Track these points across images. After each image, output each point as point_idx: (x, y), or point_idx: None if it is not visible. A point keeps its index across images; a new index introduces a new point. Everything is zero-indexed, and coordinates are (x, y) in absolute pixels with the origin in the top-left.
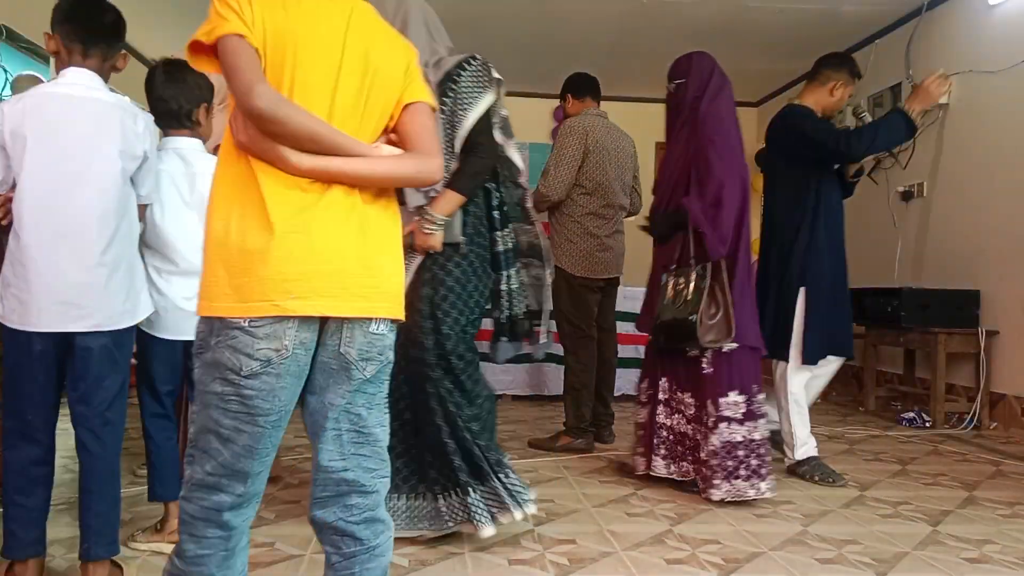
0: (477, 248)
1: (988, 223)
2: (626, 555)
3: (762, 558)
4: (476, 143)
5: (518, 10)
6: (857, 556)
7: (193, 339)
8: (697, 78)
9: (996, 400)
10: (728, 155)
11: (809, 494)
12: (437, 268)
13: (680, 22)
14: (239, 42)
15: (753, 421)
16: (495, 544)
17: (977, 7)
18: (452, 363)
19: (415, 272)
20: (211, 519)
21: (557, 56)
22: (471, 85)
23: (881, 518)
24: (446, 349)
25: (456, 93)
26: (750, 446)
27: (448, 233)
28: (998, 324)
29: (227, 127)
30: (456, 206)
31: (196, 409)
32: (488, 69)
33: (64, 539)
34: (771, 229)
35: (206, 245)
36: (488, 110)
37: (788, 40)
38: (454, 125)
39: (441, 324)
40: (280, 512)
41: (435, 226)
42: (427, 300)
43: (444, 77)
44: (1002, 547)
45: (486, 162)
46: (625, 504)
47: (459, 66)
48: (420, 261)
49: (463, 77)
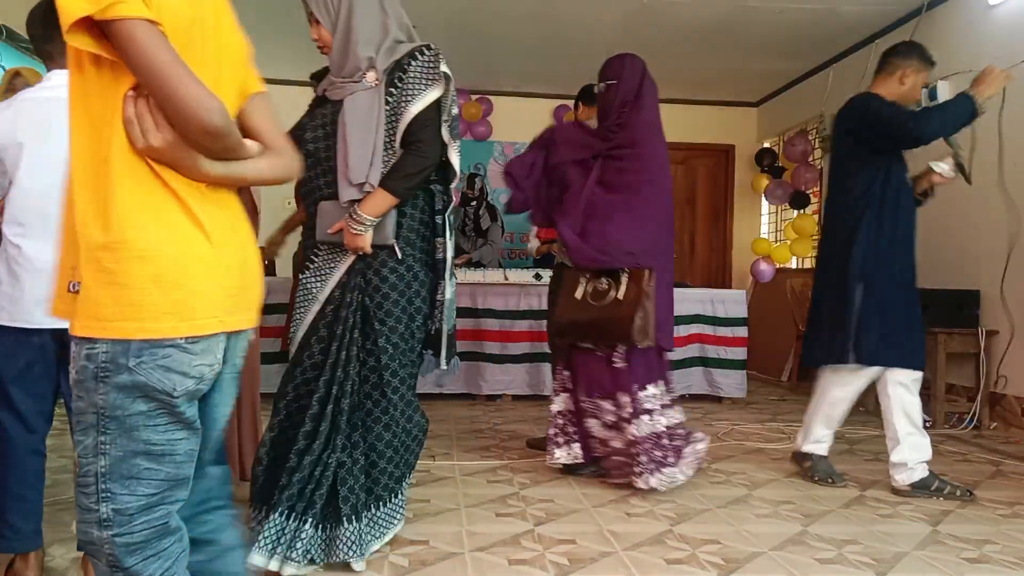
0: (418, 253)
1: (988, 223)
2: (626, 555)
3: (762, 558)
4: (418, 139)
5: (519, 10)
6: (857, 556)
7: None
8: (628, 82)
9: (996, 400)
10: (653, 168)
11: (809, 494)
12: (372, 274)
13: (680, 22)
14: (154, 32)
15: (671, 409)
16: (495, 544)
17: (977, 7)
18: (384, 378)
19: (342, 276)
20: (164, 532)
21: (558, 56)
22: (419, 76)
23: (881, 518)
24: (380, 363)
25: (403, 83)
26: (671, 434)
27: (378, 235)
28: (998, 324)
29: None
30: (387, 207)
31: (108, 439)
32: (439, 62)
33: (64, 539)
34: (833, 223)
35: (118, 258)
36: (437, 106)
37: (788, 40)
38: (398, 116)
39: (377, 336)
40: None
41: (362, 227)
42: (358, 309)
43: (393, 66)
44: (1002, 547)
45: (424, 161)
46: (625, 504)
47: (410, 55)
48: (349, 263)
49: (412, 68)
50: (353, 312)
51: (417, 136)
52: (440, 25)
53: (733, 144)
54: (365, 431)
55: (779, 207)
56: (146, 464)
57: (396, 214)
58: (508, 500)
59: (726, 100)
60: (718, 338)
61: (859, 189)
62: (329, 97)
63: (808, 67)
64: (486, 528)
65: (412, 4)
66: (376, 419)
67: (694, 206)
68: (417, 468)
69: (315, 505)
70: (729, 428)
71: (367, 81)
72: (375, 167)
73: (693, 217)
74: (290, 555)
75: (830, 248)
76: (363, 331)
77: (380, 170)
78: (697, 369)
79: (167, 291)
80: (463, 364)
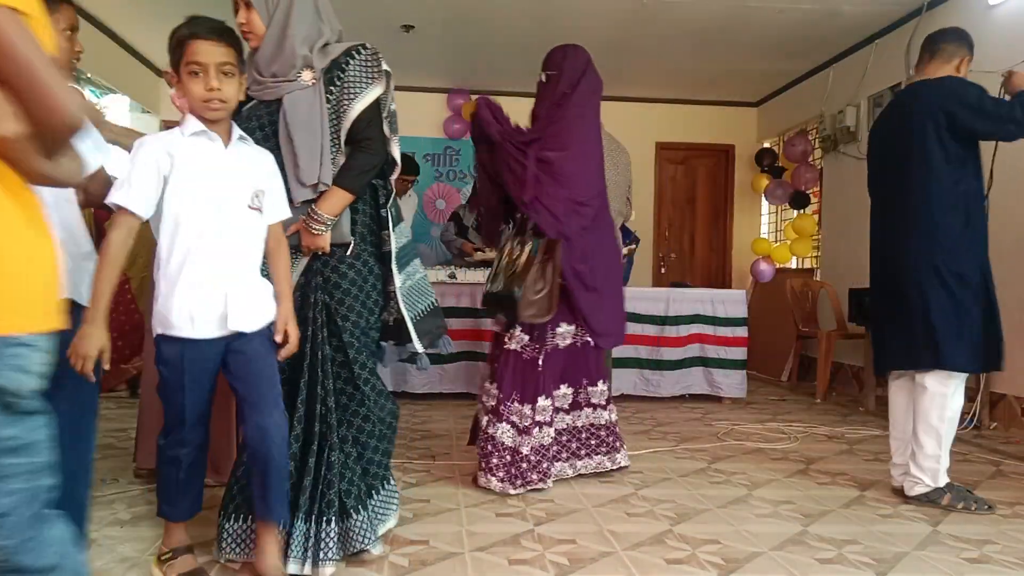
0: (370, 247)
1: (988, 222)
2: (626, 555)
3: (762, 558)
4: (365, 137)
5: (518, 10)
6: (857, 556)
7: None
8: (570, 74)
9: (996, 400)
10: (584, 163)
11: (809, 494)
12: (330, 271)
13: (680, 22)
14: (18, 20)
15: (611, 404)
16: (495, 544)
17: (977, 7)
18: (355, 372)
19: (299, 279)
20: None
21: None
22: (359, 75)
23: (881, 518)
24: (348, 357)
25: (343, 82)
26: (612, 427)
27: (336, 233)
28: None
29: None
30: (344, 205)
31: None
32: (378, 60)
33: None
34: (904, 219)
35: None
36: (378, 103)
37: (788, 40)
38: (340, 116)
39: (342, 331)
40: None
41: (323, 226)
42: (322, 307)
43: (331, 65)
44: (1002, 547)
45: (375, 158)
46: (625, 504)
47: (347, 54)
48: (305, 264)
49: (351, 66)
50: (319, 312)
51: (365, 134)
52: (440, 25)
53: (733, 144)
54: (347, 425)
55: (779, 207)
56: (8, 460)
57: (350, 211)
58: (508, 500)
59: (726, 100)
60: (718, 338)
61: (946, 184)
62: (260, 97)
63: (808, 67)
64: (486, 528)
65: (412, 4)
66: (355, 412)
67: (694, 206)
68: (417, 468)
69: (333, 504)
70: (729, 428)
71: (303, 80)
72: (325, 166)
73: (693, 217)
74: (324, 556)
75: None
76: (329, 329)
77: (331, 169)
78: (697, 369)
79: (6, 288)
80: (462, 364)
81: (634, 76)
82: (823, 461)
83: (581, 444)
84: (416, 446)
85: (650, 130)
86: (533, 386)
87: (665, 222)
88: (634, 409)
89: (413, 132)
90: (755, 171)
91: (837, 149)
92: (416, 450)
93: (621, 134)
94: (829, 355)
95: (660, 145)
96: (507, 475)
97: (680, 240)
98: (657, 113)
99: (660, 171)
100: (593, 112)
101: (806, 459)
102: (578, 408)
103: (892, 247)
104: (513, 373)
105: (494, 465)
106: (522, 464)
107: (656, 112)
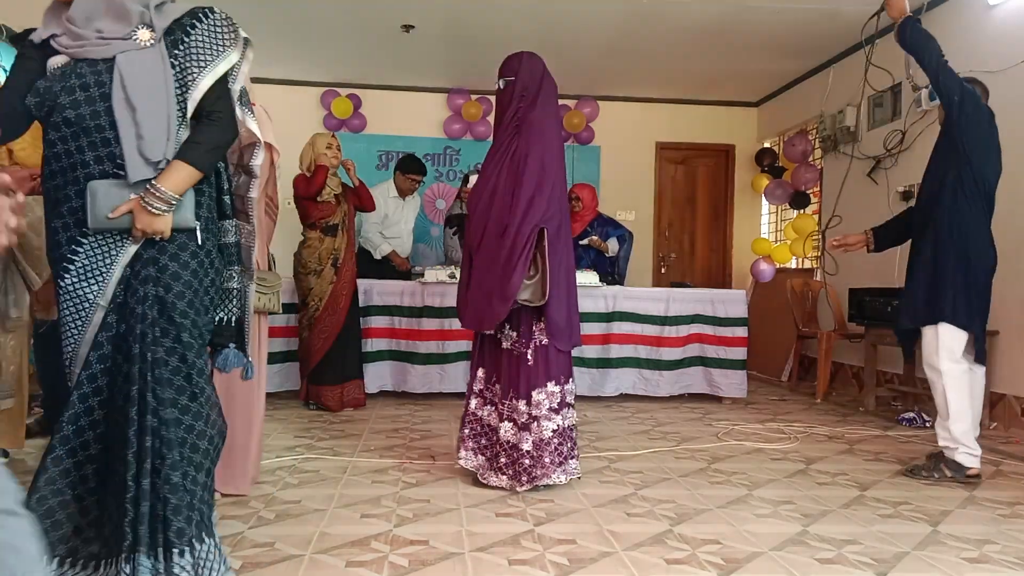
0: (212, 237)
1: None
2: (626, 555)
3: (762, 558)
4: (216, 109)
5: (518, 10)
6: (857, 556)
7: None
8: (526, 80)
9: (996, 400)
10: (545, 169)
11: (809, 494)
12: (168, 260)
13: (680, 22)
14: None
15: (568, 409)
16: (495, 544)
17: (977, 7)
18: (192, 380)
19: (127, 268)
20: None
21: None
22: (208, 41)
23: (881, 518)
24: (187, 362)
25: (187, 47)
26: (568, 432)
27: (179, 216)
28: (998, 324)
29: None
30: (191, 183)
31: None
32: (232, 26)
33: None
34: (956, 207)
35: None
36: (226, 75)
37: (788, 40)
38: (186, 87)
39: (181, 331)
40: (280, 512)
41: (166, 205)
42: (155, 302)
43: (173, 25)
44: (1002, 547)
45: (226, 134)
46: (625, 504)
47: (192, 16)
48: (132, 253)
49: (197, 32)
50: (149, 307)
51: (215, 106)
52: (440, 25)
53: (733, 144)
54: (180, 443)
55: (779, 207)
56: None
57: (195, 192)
58: (508, 500)
59: (726, 100)
60: (718, 338)
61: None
62: (80, 56)
63: (808, 67)
64: (486, 528)
65: (412, 4)
66: (188, 428)
67: (694, 206)
68: (417, 468)
69: (185, 532)
70: (729, 428)
71: (140, 39)
72: (171, 140)
73: (693, 217)
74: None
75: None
76: (163, 328)
77: (175, 145)
78: (697, 369)
79: None
80: (463, 364)
81: (634, 76)
82: (823, 461)
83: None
84: (416, 446)
85: (650, 130)
86: (527, 381)
87: (665, 222)
88: (634, 409)
89: (413, 132)
90: (755, 171)
91: (837, 149)
92: (416, 450)
93: (621, 134)
94: (829, 355)
95: (660, 145)
96: (514, 473)
97: (680, 240)
98: (657, 113)
99: (660, 171)
100: (552, 119)
101: (806, 459)
102: None
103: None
104: (508, 370)
105: (503, 464)
106: (524, 460)
107: (656, 112)
